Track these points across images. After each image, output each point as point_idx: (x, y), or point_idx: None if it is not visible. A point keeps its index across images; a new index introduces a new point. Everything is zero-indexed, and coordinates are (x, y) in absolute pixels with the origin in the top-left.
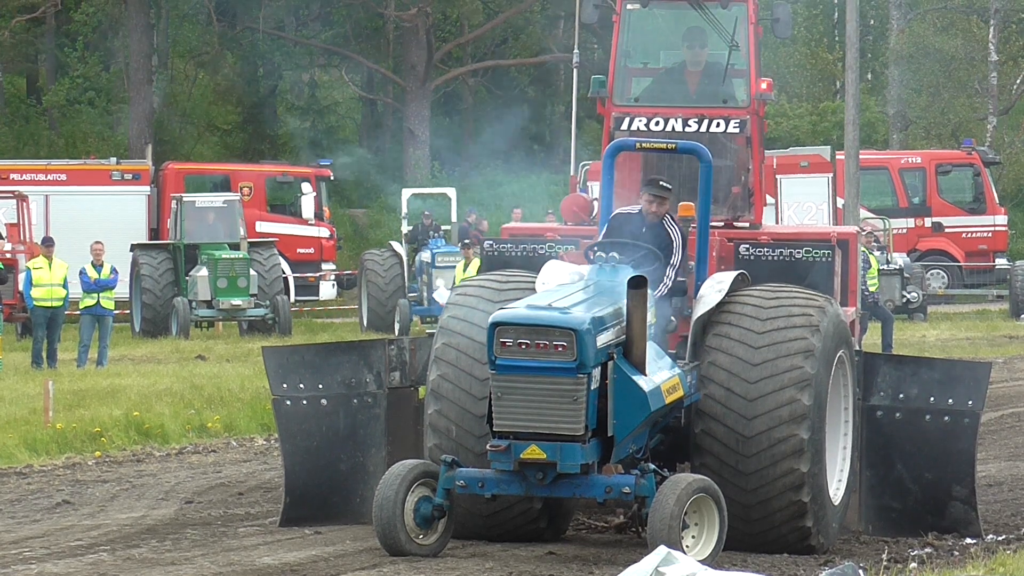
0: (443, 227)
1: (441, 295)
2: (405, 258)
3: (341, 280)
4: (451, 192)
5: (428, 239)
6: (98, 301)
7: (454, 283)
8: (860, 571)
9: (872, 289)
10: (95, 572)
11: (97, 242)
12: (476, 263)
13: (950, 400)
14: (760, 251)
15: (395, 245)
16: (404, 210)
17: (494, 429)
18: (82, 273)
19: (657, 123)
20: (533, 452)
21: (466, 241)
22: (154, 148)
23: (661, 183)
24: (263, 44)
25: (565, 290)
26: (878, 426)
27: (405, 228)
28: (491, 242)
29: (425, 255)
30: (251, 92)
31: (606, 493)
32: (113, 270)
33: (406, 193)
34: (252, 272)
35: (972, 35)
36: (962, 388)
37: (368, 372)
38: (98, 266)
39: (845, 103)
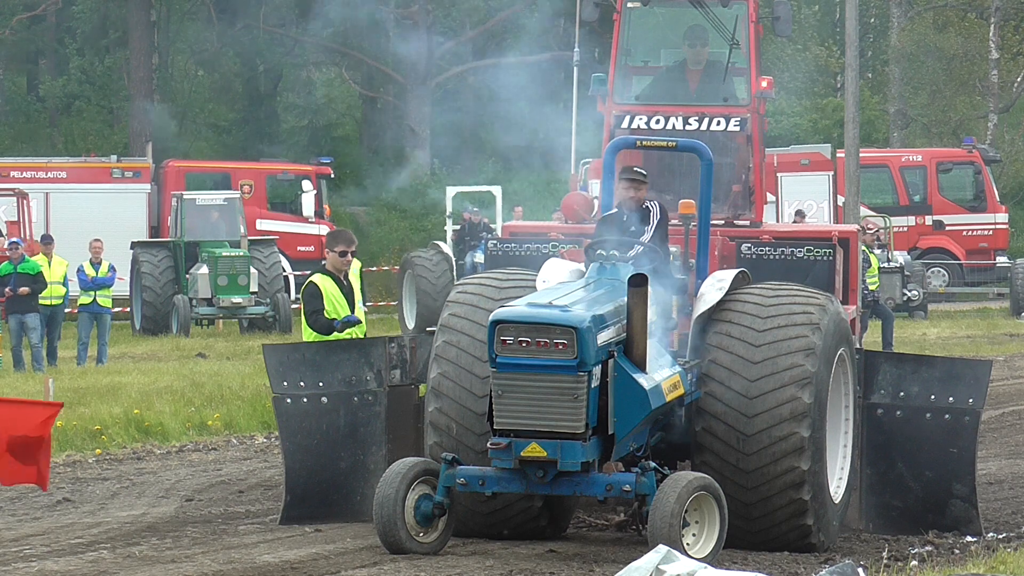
0: (491, 225)
1: None
2: (453, 259)
3: None
4: (496, 190)
5: (478, 239)
6: (95, 299)
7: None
8: (860, 570)
9: (872, 287)
10: (95, 570)
11: (96, 240)
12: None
13: (951, 398)
14: (761, 250)
15: (442, 245)
16: (449, 209)
17: (495, 427)
18: (79, 271)
19: (658, 121)
20: (534, 450)
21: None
22: (154, 146)
23: (635, 168)
24: (262, 42)
25: (566, 288)
26: (879, 424)
27: (451, 228)
28: (495, 241)
29: (478, 257)
30: (251, 89)
31: (607, 491)
32: (111, 268)
33: (451, 191)
34: (252, 270)
35: (972, 33)
36: (963, 386)
37: (369, 370)
38: (96, 264)
39: (845, 101)
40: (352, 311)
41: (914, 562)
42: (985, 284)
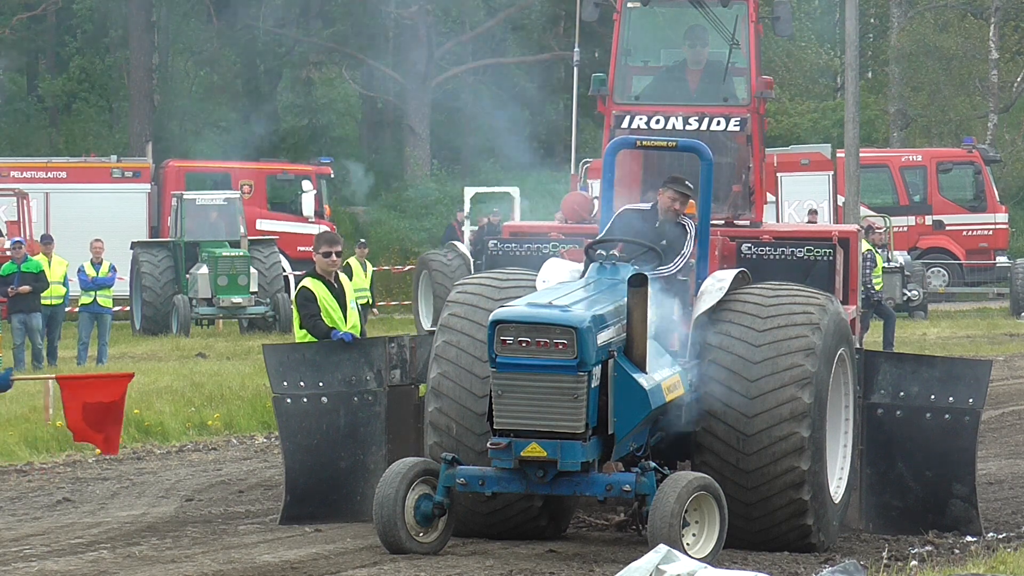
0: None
1: None
2: (471, 260)
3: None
4: (515, 191)
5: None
6: (95, 299)
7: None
8: (862, 569)
9: (877, 287)
10: (95, 570)
11: (97, 240)
12: (369, 268)
13: (951, 398)
14: (761, 250)
15: (459, 246)
16: (467, 209)
17: (495, 427)
18: (80, 271)
19: (658, 121)
20: (534, 450)
21: (362, 240)
22: (154, 146)
23: (687, 183)
24: (262, 42)
25: (566, 288)
26: (879, 424)
27: (468, 229)
28: (495, 241)
29: None
30: (251, 89)
31: (606, 491)
32: (112, 268)
33: (468, 192)
34: (252, 270)
35: (972, 33)
36: (963, 386)
37: (368, 370)
38: (97, 264)
39: (845, 101)
40: (344, 314)
41: (914, 562)
42: (985, 284)
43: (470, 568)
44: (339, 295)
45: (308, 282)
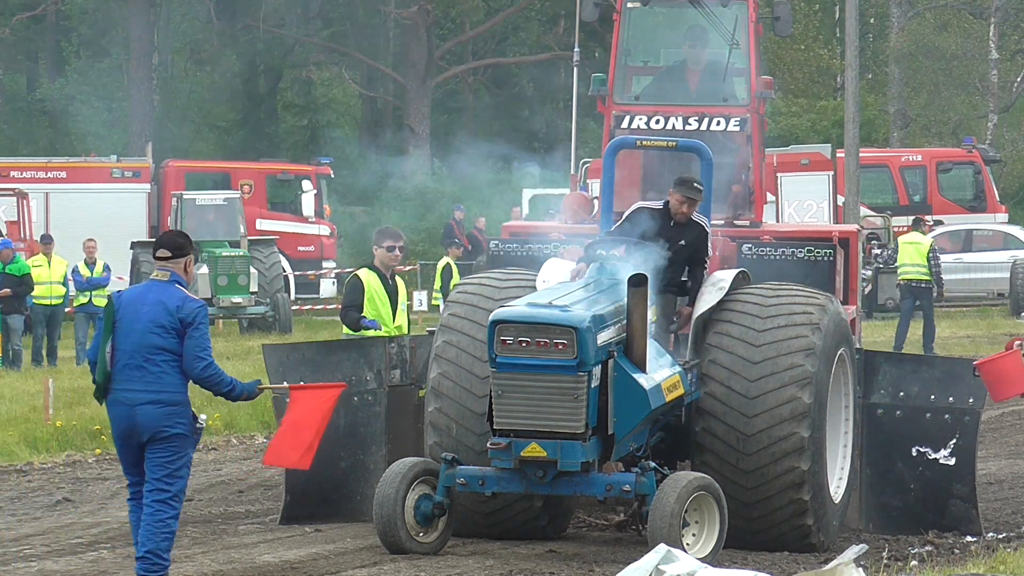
0: None
1: None
2: None
3: (342, 278)
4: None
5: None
6: (91, 299)
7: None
8: (860, 569)
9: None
10: (95, 570)
11: (90, 240)
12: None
13: (951, 398)
14: (762, 250)
15: None
16: (525, 211)
17: (495, 427)
18: (75, 272)
19: (657, 121)
20: (534, 450)
21: (456, 240)
22: (154, 146)
23: (695, 184)
24: (261, 42)
25: (566, 288)
26: (879, 424)
27: None
28: (496, 241)
29: None
30: (250, 89)
31: (606, 491)
32: (106, 268)
33: (527, 194)
34: (252, 270)
35: (972, 33)
36: (963, 386)
37: (368, 370)
38: (91, 264)
39: (845, 101)
40: (394, 310)
41: (914, 562)
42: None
43: (470, 568)
44: (392, 292)
45: (362, 272)
